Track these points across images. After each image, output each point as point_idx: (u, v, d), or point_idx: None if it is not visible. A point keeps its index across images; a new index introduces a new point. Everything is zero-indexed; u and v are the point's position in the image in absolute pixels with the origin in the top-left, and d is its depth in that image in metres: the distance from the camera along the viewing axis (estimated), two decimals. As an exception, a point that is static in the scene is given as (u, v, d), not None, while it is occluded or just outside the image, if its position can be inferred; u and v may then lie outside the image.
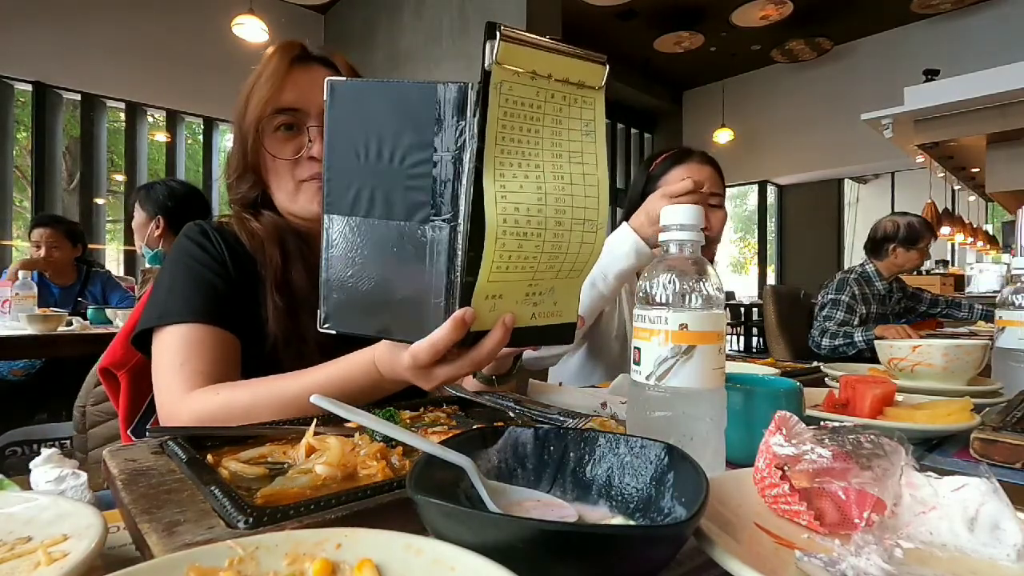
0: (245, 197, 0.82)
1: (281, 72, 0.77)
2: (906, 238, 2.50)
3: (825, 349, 2.41)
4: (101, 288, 2.83)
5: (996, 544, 0.34)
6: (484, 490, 0.37)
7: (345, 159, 0.50)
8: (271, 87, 0.76)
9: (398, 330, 0.52)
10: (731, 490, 0.41)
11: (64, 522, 0.37)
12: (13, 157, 4.95)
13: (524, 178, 0.47)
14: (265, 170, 0.80)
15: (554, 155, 0.49)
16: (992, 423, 0.63)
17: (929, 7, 5.81)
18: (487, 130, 0.45)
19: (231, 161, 0.82)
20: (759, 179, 8.15)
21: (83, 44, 4.94)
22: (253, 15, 4.71)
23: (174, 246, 0.79)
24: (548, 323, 0.54)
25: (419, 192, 0.48)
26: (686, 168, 1.30)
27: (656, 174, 1.33)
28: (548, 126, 0.48)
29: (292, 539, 0.30)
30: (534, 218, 0.48)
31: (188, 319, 0.70)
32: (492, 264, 0.47)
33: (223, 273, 0.75)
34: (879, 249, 2.57)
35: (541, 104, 0.48)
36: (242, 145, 0.79)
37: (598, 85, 0.51)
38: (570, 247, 0.50)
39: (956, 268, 6.92)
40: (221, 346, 0.71)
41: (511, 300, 0.50)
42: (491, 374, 0.74)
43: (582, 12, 5.43)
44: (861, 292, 2.51)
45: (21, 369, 2.33)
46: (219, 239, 0.77)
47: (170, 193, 2.10)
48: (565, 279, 0.53)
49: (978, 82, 3.27)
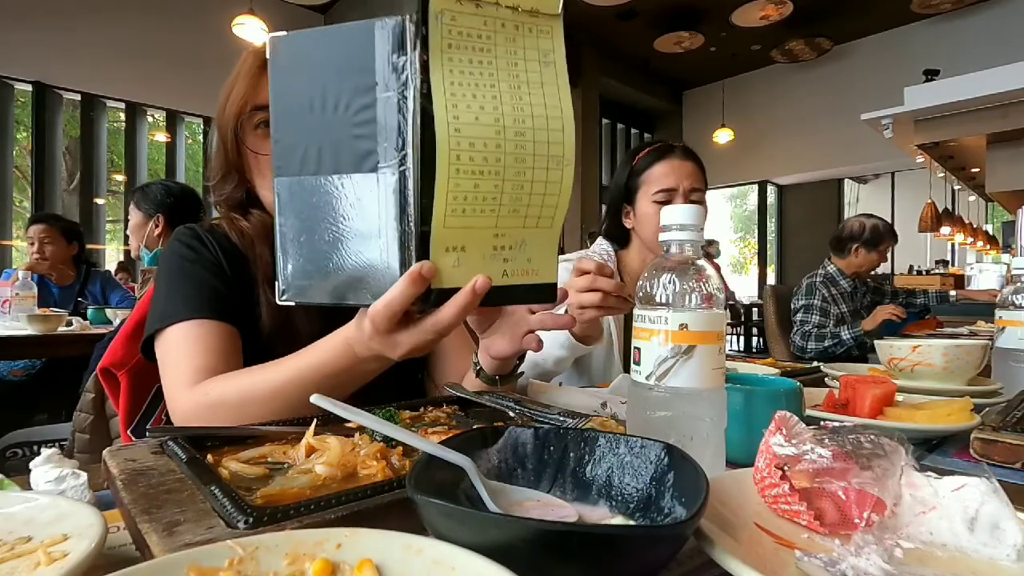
0: (231, 197, 0.82)
1: (256, 70, 0.77)
2: (869, 240, 2.55)
3: (812, 352, 2.44)
4: (101, 288, 2.83)
5: (996, 544, 0.34)
6: (484, 490, 0.37)
7: (291, 118, 0.47)
8: (248, 84, 0.76)
9: (354, 295, 0.48)
10: (731, 490, 0.41)
11: (64, 522, 0.37)
12: (13, 157, 4.95)
13: (480, 110, 0.44)
14: (248, 169, 0.80)
15: (511, 87, 0.45)
16: (992, 423, 0.63)
17: (929, 7, 5.81)
18: (431, 64, 0.42)
19: (214, 163, 0.82)
20: (759, 179, 8.15)
21: (83, 44, 4.94)
22: (253, 15, 4.71)
23: (166, 251, 0.79)
24: (522, 282, 0.50)
25: (365, 140, 0.45)
26: (668, 163, 1.29)
27: (639, 168, 1.33)
28: (501, 56, 0.45)
29: (292, 539, 0.30)
30: (491, 154, 0.44)
31: (187, 317, 0.71)
32: (447, 206, 0.43)
33: (218, 272, 0.76)
34: (842, 247, 2.61)
35: (491, 34, 0.45)
36: (223, 144, 0.79)
37: (554, 11, 0.48)
38: (534, 187, 0.47)
39: (956, 268, 6.91)
40: (220, 338, 0.72)
41: (477, 254, 0.47)
42: (494, 373, 0.74)
43: (582, 12, 5.43)
44: (830, 293, 2.56)
45: (21, 369, 2.33)
46: (211, 240, 0.78)
47: (167, 192, 2.10)
48: (536, 229, 0.49)
49: (978, 82, 3.27)
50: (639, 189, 1.32)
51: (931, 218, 4.89)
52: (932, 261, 7.43)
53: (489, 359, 0.73)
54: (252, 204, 0.83)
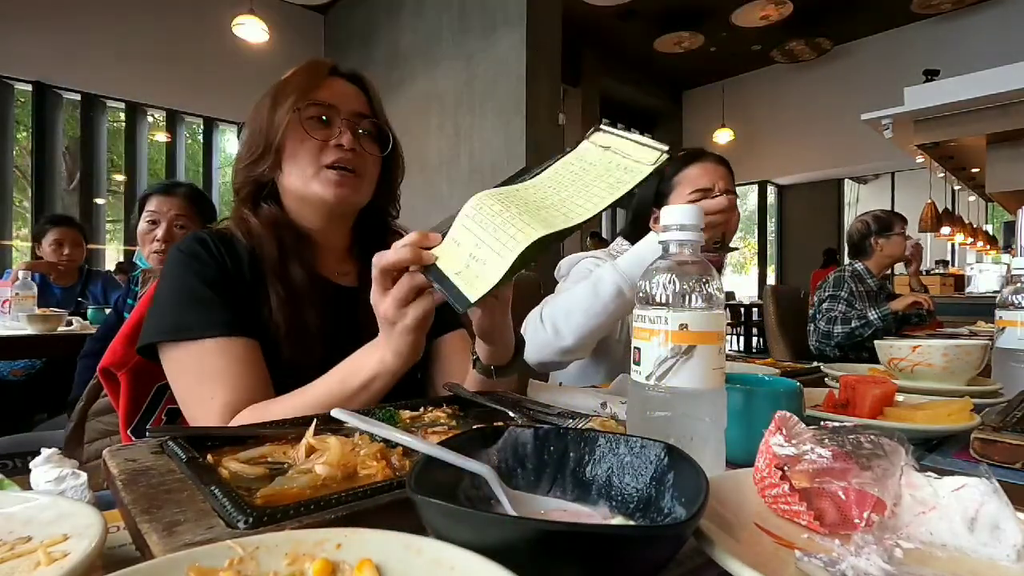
0: (257, 181, 0.83)
1: (321, 74, 0.83)
2: (879, 229, 2.56)
3: (838, 337, 2.41)
4: (102, 288, 2.83)
5: (996, 544, 0.34)
6: (505, 498, 0.37)
7: None
8: (310, 83, 0.81)
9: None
10: (731, 490, 0.41)
11: (64, 522, 0.37)
12: (13, 157, 4.95)
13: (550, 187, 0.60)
14: (288, 151, 0.81)
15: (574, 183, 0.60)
16: (992, 423, 0.63)
17: (929, 7, 5.82)
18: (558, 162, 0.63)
19: (249, 143, 0.83)
20: (759, 179, 8.16)
21: (83, 44, 4.95)
22: (253, 15, 4.71)
23: (175, 259, 0.78)
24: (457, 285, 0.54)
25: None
26: (702, 166, 1.30)
27: (671, 173, 1.32)
28: (591, 171, 0.60)
29: (292, 539, 0.30)
30: (522, 203, 0.57)
31: (206, 334, 0.71)
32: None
33: (228, 279, 0.76)
34: (863, 248, 2.61)
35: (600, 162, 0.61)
36: (269, 126, 0.80)
37: (649, 163, 0.59)
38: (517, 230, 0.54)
39: (956, 268, 6.92)
40: (244, 358, 0.72)
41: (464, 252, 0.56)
42: (489, 363, 0.74)
43: (582, 12, 5.44)
44: (856, 289, 2.55)
45: (21, 369, 2.33)
46: (218, 246, 0.78)
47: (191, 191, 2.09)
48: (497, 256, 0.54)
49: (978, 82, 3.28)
50: (672, 191, 1.32)
51: (931, 218, 4.89)
52: (932, 261, 7.43)
53: (483, 346, 0.73)
54: (270, 194, 0.84)
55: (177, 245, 0.80)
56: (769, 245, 8.73)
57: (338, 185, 0.80)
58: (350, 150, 0.81)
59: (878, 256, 2.59)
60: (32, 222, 4.85)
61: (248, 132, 0.84)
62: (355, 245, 0.92)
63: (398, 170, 0.93)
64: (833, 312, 2.46)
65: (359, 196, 0.85)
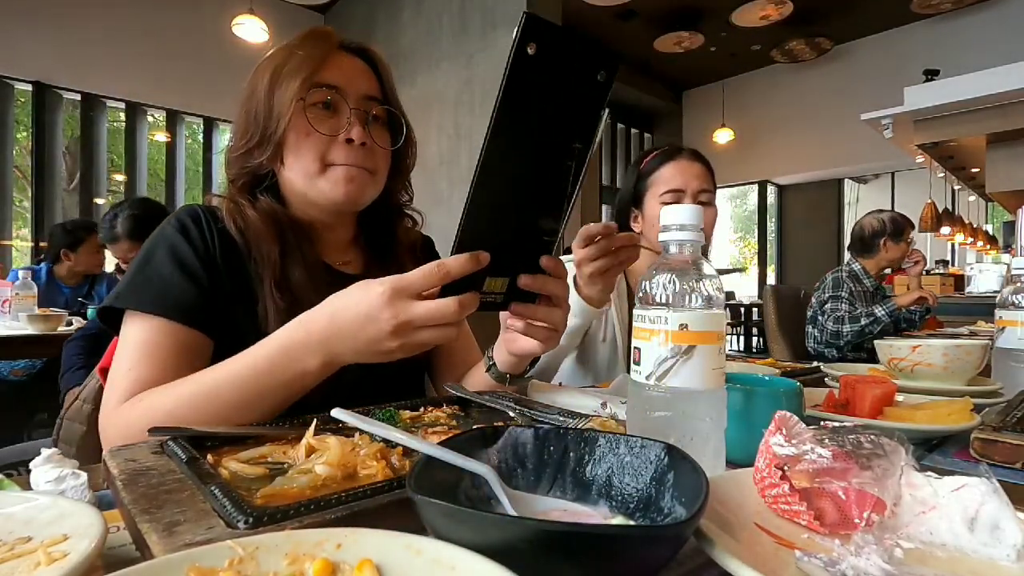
0: (252, 172, 0.76)
1: (327, 49, 0.75)
2: (893, 232, 2.58)
3: (848, 336, 2.41)
4: (107, 288, 2.84)
5: (996, 544, 0.34)
6: (506, 498, 0.37)
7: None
8: (315, 63, 0.73)
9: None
10: (731, 490, 0.41)
11: (64, 522, 0.37)
12: (13, 157, 4.94)
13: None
14: (290, 144, 0.74)
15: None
16: (992, 423, 0.63)
17: (929, 7, 5.81)
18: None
19: (244, 129, 0.75)
20: (759, 179, 8.15)
21: (83, 44, 4.94)
22: (253, 15, 4.70)
23: (163, 231, 0.73)
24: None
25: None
26: (676, 165, 1.29)
27: (647, 171, 1.32)
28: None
29: (292, 539, 0.30)
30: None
31: (158, 311, 0.66)
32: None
33: (208, 266, 0.71)
34: (869, 246, 2.62)
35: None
36: (268, 112, 0.73)
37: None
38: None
39: (956, 268, 6.91)
40: (184, 350, 0.67)
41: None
42: (507, 372, 0.74)
43: (582, 12, 5.43)
44: (855, 289, 2.57)
45: (21, 369, 2.33)
46: (212, 227, 0.73)
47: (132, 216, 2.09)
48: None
49: (978, 82, 3.28)
50: (647, 191, 1.32)
51: (931, 218, 4.89)
52: (932, 261, 7.43)
53: (507, 356, 0.71)
54: (269, 185, 0.78)
55: (172, 216, 0.75)
56: (769, 245, 8.72)
57: (348, 183, 0.74)
58: (360, 145, 0.74)
59: (880, 257, 2.60)
60: (32, 222, 4.84)
61: (243, 113, 0.76)
62: (360, 233, 0.87)
63: (411, 159, 0.87)
64: (839, 312, 2.47)
65: (370, 193, 0.79)
